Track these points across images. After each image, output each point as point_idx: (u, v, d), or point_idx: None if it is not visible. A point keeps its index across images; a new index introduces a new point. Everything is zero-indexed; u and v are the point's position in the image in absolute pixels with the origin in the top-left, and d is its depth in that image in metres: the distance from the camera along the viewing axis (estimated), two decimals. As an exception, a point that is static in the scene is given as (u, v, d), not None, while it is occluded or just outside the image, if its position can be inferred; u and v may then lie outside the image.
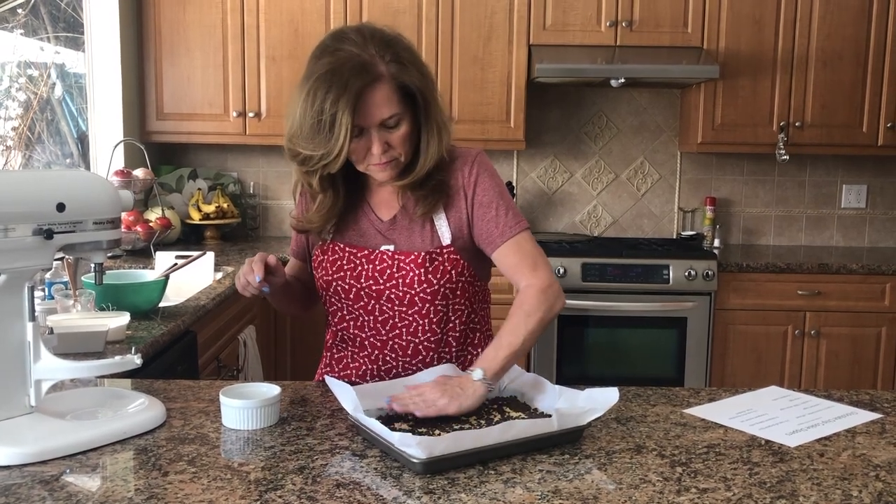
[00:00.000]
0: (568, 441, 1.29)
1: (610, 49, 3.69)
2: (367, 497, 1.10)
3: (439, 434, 1.27)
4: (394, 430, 1.26)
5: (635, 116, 4.11)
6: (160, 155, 4.05)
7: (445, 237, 1.59)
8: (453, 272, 1.58)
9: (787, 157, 3.72)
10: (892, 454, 1.28)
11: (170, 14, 3.72)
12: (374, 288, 1.58)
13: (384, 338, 1.61)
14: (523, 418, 1.36)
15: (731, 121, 3.73)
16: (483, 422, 1.35)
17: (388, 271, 1.58)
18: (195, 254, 2.54)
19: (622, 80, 3.59)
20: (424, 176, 1.55)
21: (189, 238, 3.92)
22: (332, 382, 1.36)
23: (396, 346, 1.61)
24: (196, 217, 3.85)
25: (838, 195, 4.15)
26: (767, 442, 1.32)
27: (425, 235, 1.60)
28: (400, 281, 1.57)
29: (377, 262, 1.58)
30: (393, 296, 1.58)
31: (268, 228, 4.20)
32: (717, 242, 3.97)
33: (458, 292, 1.60)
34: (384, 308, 1.60)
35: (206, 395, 1.52)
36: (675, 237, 4.12)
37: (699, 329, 3.54)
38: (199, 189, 3.97)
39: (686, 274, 3.50)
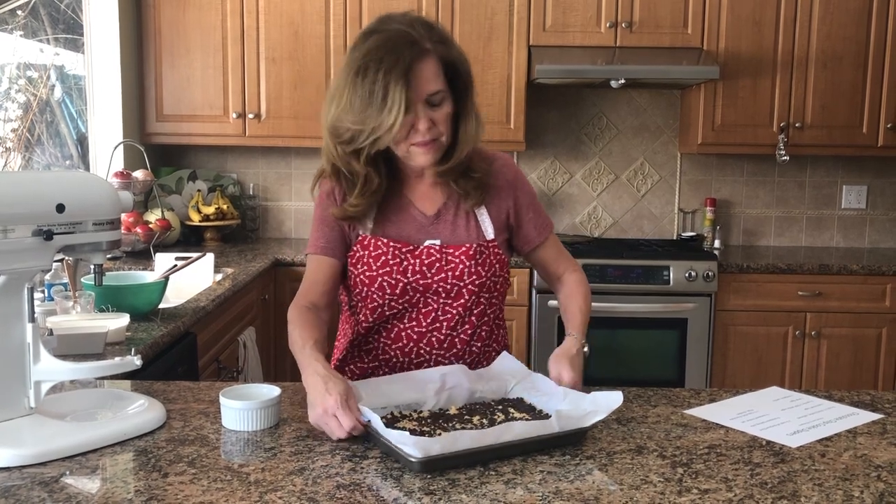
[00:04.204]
0: (570, 443, 1.28)
1: (610, 50, 3.69)
2: (368, 498, 1.10)
3: (440, 433, 1.27)
4: (399, 427, 1.29)
5: (635, 117, 4.11)
6: (160, 156, 4.05)
7: (489, 232, 1.65)
8: (497, 266, 1.63)
9: (787, 157, 3.72)
10: (894, 455, 1.27)
11: (169, 16, 3.72)
12: (420, 282, 1.59)
13: (423, 330, 1.62)
14: (527, 419, 1.36)
15: (732, 122, 3.73)
16: (486, 422, 1.35)
17: (437, 265, 1.59)
18: (195, 255, 2.54)
19: (622, 81, 3.59)
20: (466, 165, 1.59)
21: (189, 239, 3.91)
22: None
23: (434, 339, 1.62)
24: (196, 218, 3.85)
25: (838, 196, 4.15)
26: (769, 442, 1.32)
27: (470, 230, 1.64)
28: (449, 274, 1.59)
29: (424, 257, 1.60)
30: (440, 289, 1.60)
31: (267, 230, 4.20)
32: (717, 243, 3.97)
33: (498, 286, 1.66)
34: (429, 301, 1.61)
35: (205, 396, 1.51)
36: (675, 238, 4.12)
37: (700, 330, 3.53)
38: (199, 190, 3.97)
39: (686, 275, 3.50)
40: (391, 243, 1.60)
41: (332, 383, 1.31)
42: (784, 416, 1.44)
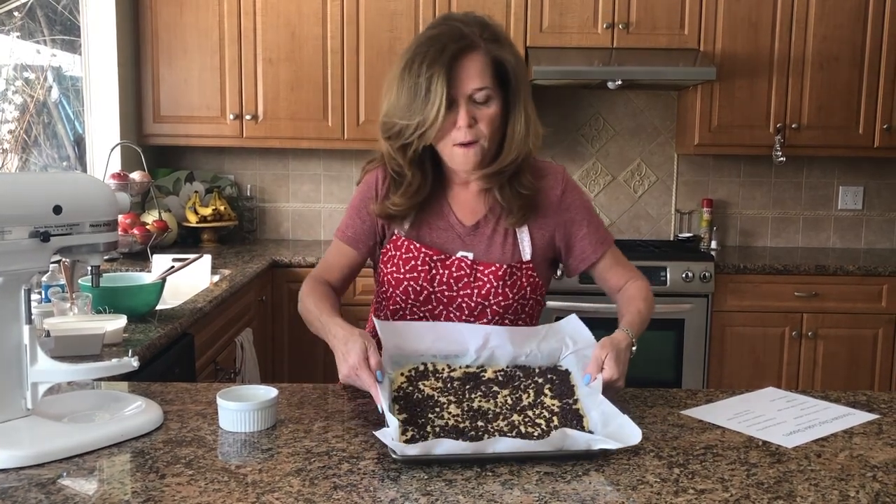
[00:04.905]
0: (570, 459, 1.23)
1: (607, 51, 3.69)
2: (365, 499, 1.10)
3: (430, 427, 1.30)
4: (421, 389, 1.35)
5: (632, 118, 4.11)
6: (157, 158, 4.04)
7: (526, 252, 1.59)
8: (528, 289, 1.59)
9: (783, 158, 3.72)
10: (889, 455, 1.28)
11: (166, 17, 3.72)
12: (446, 294, 1.57)
13: None
14: (555, 408, 1.35)
15: (728, 122, 3.74)
16: (510, 401, 1.35)
17: (465, 279, 1.56)
18: (192, 256, 2.54)
19: (619, 82, 3.60)
20: (514, 176, 1.54)
21: (186, 241, 3.91)
22: (381, 325, 1.48)
23: None
24: (193, 220, 3.85)
25: (835, 197, 4.16)
26: (765, 443, 1.32)
27: (506, 247, 1.59)
28: (475, 291, 1.56)
29: (453, 269, 1.57)
30: (464, 304, 1.57)
31: (265, 231, 4.20)
32: (714, 244, 3.98)
33: (527, 309, 1.61)
34: (451, 315, 1.58)
35: (203, 397, 1.51)
36: (672, 239, 4.13)
37: (696, 331, 3.54)
38: (196, 192, 3.97)
39: (683, 276, 3.50)
40: (423, 249, 1.58)
41: (351, 342, 1.36)
42: (780, 417, 1.44)
